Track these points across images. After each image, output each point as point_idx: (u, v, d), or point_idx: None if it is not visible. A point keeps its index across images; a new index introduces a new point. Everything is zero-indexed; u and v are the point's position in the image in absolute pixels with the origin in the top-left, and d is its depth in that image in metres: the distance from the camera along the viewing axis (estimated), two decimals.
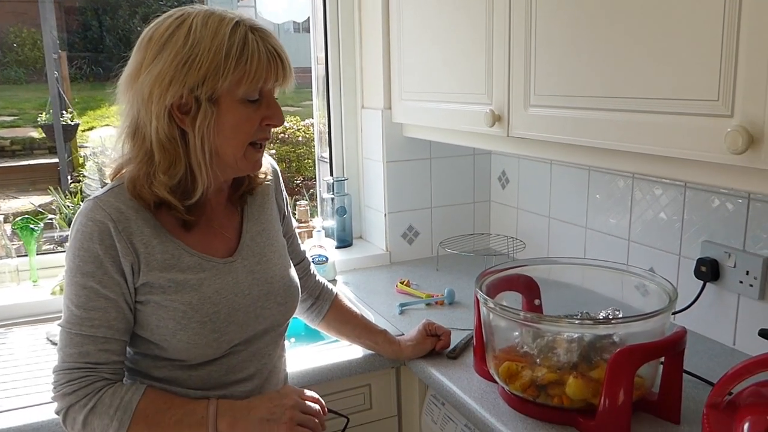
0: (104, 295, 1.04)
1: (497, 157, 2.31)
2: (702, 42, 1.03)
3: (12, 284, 1.93)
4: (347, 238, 2.33)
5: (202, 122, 1.03)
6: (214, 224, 1.17)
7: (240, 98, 1.04)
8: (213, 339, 1.10)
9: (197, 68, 1.00)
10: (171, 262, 1.08)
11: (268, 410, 1.08)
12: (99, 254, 1.03)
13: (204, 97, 1.01)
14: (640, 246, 1.71)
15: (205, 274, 1.11)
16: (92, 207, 1.05)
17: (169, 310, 1.07)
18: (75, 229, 1.05)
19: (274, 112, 1.09)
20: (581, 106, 1.30)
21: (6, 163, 6.89)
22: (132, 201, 1.06)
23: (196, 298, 1.09)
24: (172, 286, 1.07)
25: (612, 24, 1.20)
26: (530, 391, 1.19)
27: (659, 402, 1.19)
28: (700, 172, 1.12)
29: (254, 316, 1.16)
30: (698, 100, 1.05)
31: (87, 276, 1.03)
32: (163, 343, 1.08)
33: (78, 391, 1.03)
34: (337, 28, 2.26)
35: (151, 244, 1.07)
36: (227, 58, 1.00)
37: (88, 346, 1.04)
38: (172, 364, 1.11)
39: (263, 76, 1.04)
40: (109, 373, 1.06)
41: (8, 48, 6.94)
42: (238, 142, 1.07)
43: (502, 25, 1.50)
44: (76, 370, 1.04)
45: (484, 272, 1.37)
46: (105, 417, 1.02)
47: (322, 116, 2.43)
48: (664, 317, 1.17)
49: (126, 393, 1.04)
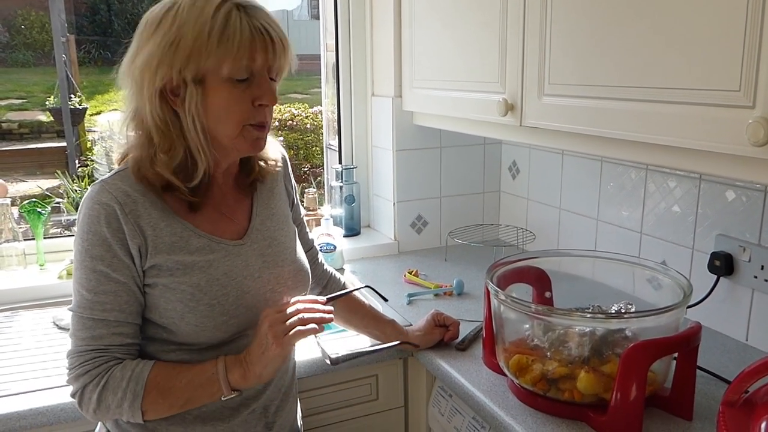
0: (114, 279, 1.03)
1: (508, 146, 2.28)
2: (724, 30, 1.01)
3: (19, 268, 1.92)
4: (355, 226, 2.32)
5: (190, 103, 1.02)
6: (224, 208, 1.16)
7: (226, 77, 1.02)
8: (222, 322, 1.09)
9: (182, 49, 1.00)
10: (179, 244, 1.07)
11: (257, 345, 1.06)
12: (107, 237, 1.02)
13: (189, 79, 1.01)
14: (652, 239, 1.69)
15: (214, 256, 1.10)
16: (99, 190, 1.05)
17: (176, 292, 1.06)
18: (82, 212, 1.05)
19: (263, 92, 1.05)
20: (597, 96, 1.27)
21: (14, 146, 6.90)
22: (139, 184, 1.06)
23: (204, 280, 1.08)
24: (180, 268, 1.06)
25: (630, 11, 1.17)
26: (540, 384, 1.17)
27: (671, 398, 1.17)
28: (719, 164, 1.10)
29: (263, 299, 1.15)
30: (719, 90, 1.02)
31: (96, 259, 1.03)
32: (172, 327, 1.08)
33: (91, 371, 1.03)
34: (348, 15, 2.23)
35: (159, 227, 1.06)
36: (209, 36, 0.99)
37: (100, 329, 1.04)
38: (181, 348, 1.10)
39: (246, 54, 1.01)
40: (121, 353, 1.06)
41: (16, 31, 6.92)
42: (231, 123, 1.05)
43: (516, 12, 1.47)
44: (88, 352, 1.04)
45: (495, 264, 1.35)
46: (118, 391, 1.02)
47: (331, 104, 2.41)
48: (679, 312, 1.15)
49: (136, 366, 1.04)
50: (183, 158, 1.06)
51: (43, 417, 1.24)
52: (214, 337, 1.10)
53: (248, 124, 1.06)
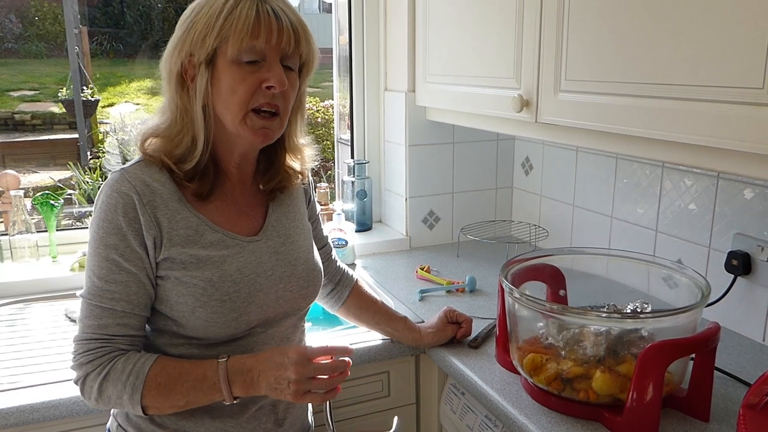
0: (126, 269, 1.04)
1: (521, 142, 2.26)
2: (747, 26, 0.99)
3: (31, 260, 1.93)
4: (367, 221, 2.31)
5: (198, 84, 1.05)
6: (240, 204, 1.16)
7: (233, 59, 1.03)
8: (232, 318, 1.09)
9: (195, 32, 1.03)
10: (194, 238, 1.07)
11: (275, 378, 1.04)
12: (122, 227, 1.03)
13: (199, 61, 1.03)
14: (668, 237, 1.67)
15: (227, 251, 1.10)
16: (118, 179, 1.05)
17: (188, 286, 1.06)
18: (100, 200, 1.05)
19: (272, 74, 1.04)
20: (613, 92, 1.26)
21: (27, 137, 6.92)
22: (158, 173, 1.07)
23: (216, 275, 1.07)
24: (193, 261, 1.06)
25: (648, 6, 1.15)
26: (555, 384, 1.16)
27: (688, 399, 1.15)
28: (738, 162, 1.08)
29: (275, 297, 1.15)
30: (741, 87, 1.01)
31: (110, 248, 1.03)
32: (182, 320, 1.08)
33: (94, 360, 1.04)
34: (361, 9, 2.21)
35: (175, 219, 1.06)
36: (217, 18, 1.02)
37: (106, 318, 1.04)
38: (189, 343, 1.10)
39: (249, 33, 1.01)
40: (125, 344, 1.06)
41: (29, 22, 6.94)
42: (235, 105, 1.05)
43: (533, 7, 1.45)
44: (93, 341, 1.04)
45: (510, 261, 1.34)
46: (118, 383, 1.03)
47: (343, 98, 2.40)
48: (697, 312, 1.13)
49: (138, 360, 1.05)
50: (189, 144, 1.07)
51: (55, 410, 1.24)
52: (224, 332, 1.09)
53: (252, 110, 1.06)
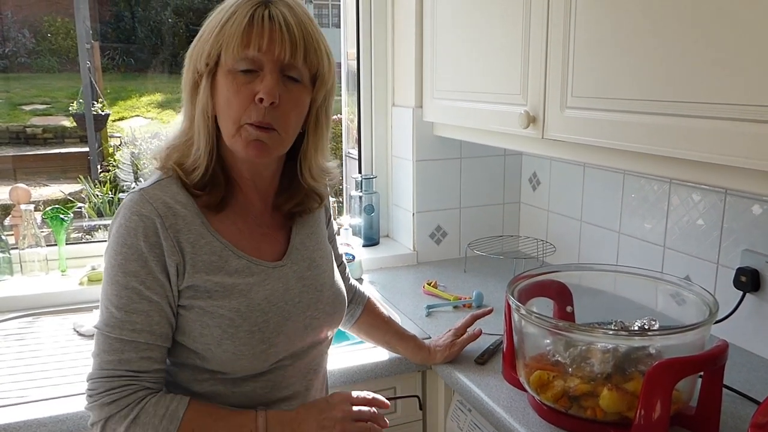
0: (147, 297, 0.96)
1: (528, 158, 2.27)
2: (752, 43, 0.99)
3: (41, 273, 1.94)
4: (374, 236, 2.31)
5: (201, 94, 1.01)
6: (262, 226, 1.11)
7: (229, 68, 0.97)
8: (261, 351, 1.02)
9: (200, 42, 1.00)
10: (218, 264, 1.01)
11: (318, 423, 1.02)
12: (143, 252, 0.96)
13: (202, 70, 1.00)
14: (675, 253, 1.66)
15: (254, 279, 1.04)
16: (138, 200, 0.98)
17: (215, 316, 1.00)
18: (118, 222, 0.98)
19: (263, 86, 0.96)
20: (620, 109, 1.26)
21: (38, 150, 6.97)
22: (179, 194, 1.01)
23: (244, 304, 1.01)
24: (219, 290, 1.00)
25: (655, 25, 1.16)
26: (562, 401, 1.16)
27: (697, 417, 1.14)
28: (746, 179, 1.07)
29: (303, 326, 1.09)
30: (748, 105, 1.00)
31: (129, 275, 0.96)
32: (206, 353, 1.01)
33: (119, 400, 0.95)
34: (369, 24, 2.23)
35: (198, 244, 1.00)
36: (216, 26, 0.97)
37: (129, 353, 0.96)
38: (214, 378, 1.04)
39: (239, 40, 0.94)
40: (151, 382, 0.99)
41: (42, 37, 7.01)
42: (229, 117, 0.99)
43: (539, 24, 1.46)
44: (116, 378, 0.96)
45: (516, 277, 1.34)
46: (149, 427, 0.95)
47: (350, 112, 2.41)
48: (705, 330, 1.13)
49: (171, 402, 0.97)
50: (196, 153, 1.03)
51: (62, 425, 1.24)
52: (251, 366, 1.03)
53: (247, 123, 0.98)
